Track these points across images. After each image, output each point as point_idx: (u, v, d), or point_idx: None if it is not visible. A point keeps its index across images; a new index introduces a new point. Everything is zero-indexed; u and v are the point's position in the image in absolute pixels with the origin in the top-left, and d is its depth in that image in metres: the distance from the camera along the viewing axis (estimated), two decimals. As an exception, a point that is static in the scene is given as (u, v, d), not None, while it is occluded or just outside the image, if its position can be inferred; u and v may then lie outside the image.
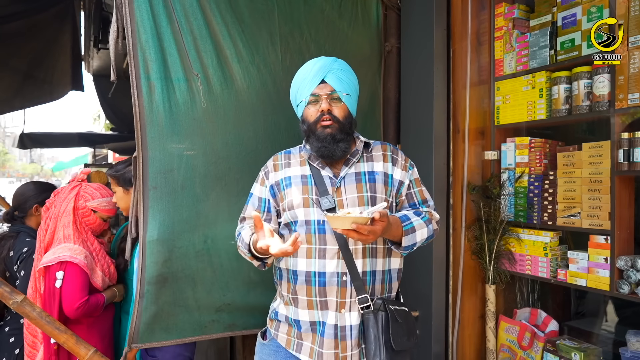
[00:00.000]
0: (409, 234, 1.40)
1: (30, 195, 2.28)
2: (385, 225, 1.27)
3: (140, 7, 1.65)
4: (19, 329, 2.14)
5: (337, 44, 2.13)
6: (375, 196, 1.47)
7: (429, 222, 1.48)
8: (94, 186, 2.06)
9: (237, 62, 1.84)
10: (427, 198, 1.56)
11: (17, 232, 2.23)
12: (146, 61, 1.67)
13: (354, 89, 1.53)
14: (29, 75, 3.86)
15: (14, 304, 1.69)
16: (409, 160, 1.59)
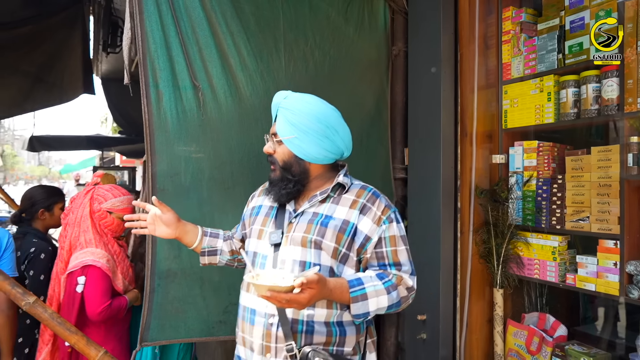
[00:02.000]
0: (358, 301, 1.26)
1: (37, 200, 2.32)
2: (314, 293, 1.14)
3: (150, 17, 1.67)
4: (26, 330, 2.17)
5: (343, 50, 2.14)
6: (321, 241, 1.33)
7: (393, 288, 1.31)
8: (106, 187, 2.09)
9: (241, 71, 1.87)
10: (401, 261, 1.36)
11: (24, 234, 2.26)
12: (155, 70, 1.70)
13: (303, 129, 1.36)
14: (39, 78, 3.91)
15: (26, 305, 1.72)
16: (387, 213, 1.38)
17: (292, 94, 1.42)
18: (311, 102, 1.40)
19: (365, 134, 2.25)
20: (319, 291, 1.16)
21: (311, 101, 1.41)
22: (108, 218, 2.02)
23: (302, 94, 1.42)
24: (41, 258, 2.17)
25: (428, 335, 2.13)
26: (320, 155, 1.40)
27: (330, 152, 1.41)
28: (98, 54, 4.61)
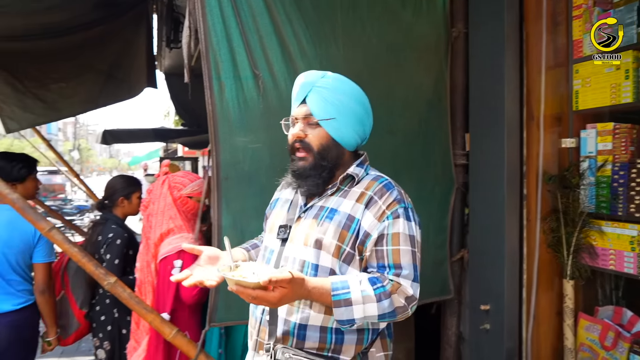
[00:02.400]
0: (340, 306, 1.14)
1: (118, 188, 2.50)
2: (285, 293, 1.05)
3: (211, 11, 1.73)
4: (107, 308, 2.35)
5: (400, 34, 2.09)
6: (322, 239, 1.23)
7: (385, 297, 1.15)
8: (180, 174, 2.22)
9: (301, 59, 1.88)
10: (402, 263, 1.20)
11: (106, 220, 2.45)
12: (217, 62, 1.75)
13: (346, 110, 1.27)
14: (110, 75, 4.17)
15: (107, 285, 1.87)
16: (394, 207, 1.23)
17: (329, 73, 1.31)
18: (350, 83, 1.32)
19: (424, 120, 2.20)
20: (292, 291, 1.07)
21: (350, 82, 1.32)
22: (189, 203, 2.14)
23: (337, 74, 1.33)
24: (117, 244, 2.34)
25: (492, 326, 2.07)
26: (352, 140, 1.32)
27: (359, 138, 1.34)
28: (161, 50, 4.83)
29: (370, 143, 2.02)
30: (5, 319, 2.21)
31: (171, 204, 2.11)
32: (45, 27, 3.26)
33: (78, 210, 9.34)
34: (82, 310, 2.42)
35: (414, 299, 1.20)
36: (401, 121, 2.13)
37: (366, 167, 1.36)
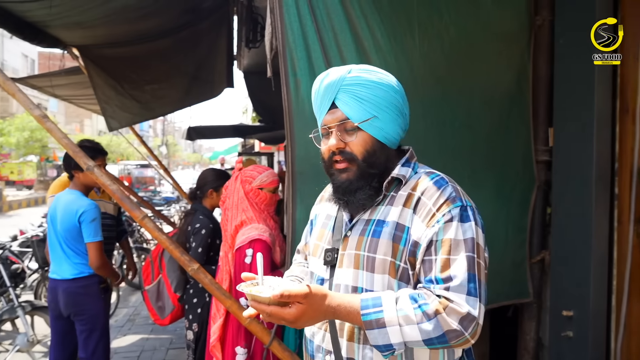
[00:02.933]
0: (373, 327, 0.96)
1: (208, 180, 2.70)
2: (304, 309, 0.93)
3: (288, 10, 1.79)
4: (200, 292, 2.54)
5: (479, 24, 2.02)
6: (375, 258, 1.05)
7: (427, 317, 0.94)
8: (250, 168, 2.34)
9: (375, 53, 1.88)
10: (452, 274, 0.97)
11: (195, 211, 2.64)
12: (293, 60, 1.81)
13: (386, 105, 1.09)
14: (195, 76, 4.47)
15: (191, 271, 2.02)
16: (447, 208, 1.02)
17: (354, 66, 1.12)
18: (381, 71, 1.12)
19: (505, 113, 2.10)
20: (312, 308, 0.94)
21: (380, 70, 1.13)
22: (261, 194, 2.26)
23: (362, 65, 1.15)
24: (202, 233, 2.52)
25: (575, 334, 1.94)
26: (397, 136, 1.13)
27: (402, 131, 1.14)
28: (241, 50, 5.07)
29: (446, 138, 2.00)
30: (63, 285, 2.61)
31: (243, 197, 2.24)
32: (141, 33, 3.58)
33: (165, 201, 10.12)
34: (176, 294, 2.64)
35: (471, 318, 0.94)
36: (480, 115, 2.06)
37: (414, 164, 1.16)
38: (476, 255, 1.01)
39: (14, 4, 2.65)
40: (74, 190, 2.67)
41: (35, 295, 4.54)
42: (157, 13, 3.23)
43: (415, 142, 2.00)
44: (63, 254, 2.62)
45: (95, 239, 2.58)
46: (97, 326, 2.66)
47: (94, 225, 2.58)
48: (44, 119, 2.07)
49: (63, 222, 2.59)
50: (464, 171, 2.02)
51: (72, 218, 2.57)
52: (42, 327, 3.82)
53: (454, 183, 1.11)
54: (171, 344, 4.15)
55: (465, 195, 1.11)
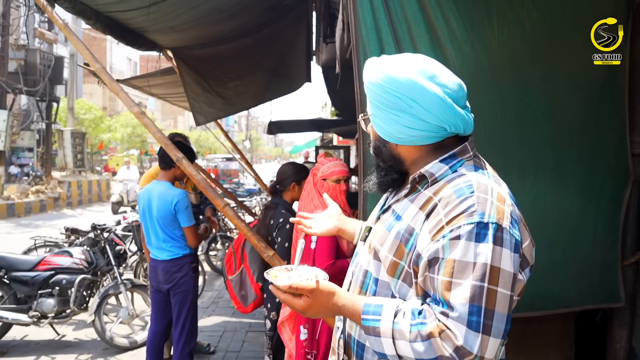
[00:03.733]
0: (369, 333, 0.96)
1: (289, 174, 2.78)
2: (310, 303, 0.98)
3: (362, 4, 1.81)
4: None
5: (567, 6, 1.87)
6: (378, 251, 1.06)
7: (422, 338, 0.89)
8: (320, 161, 2.44)
9: (450, 42, 1.84)
10: (452, 301, 0.89)
11: (276, 205, 2.75)
12: (366, 53, 1.83)
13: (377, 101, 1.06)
14: (275, 72, 4.66)
15: (267, 257, 2.15)
16: (456, 223, 0.92)
17: (384, 59, 1.07)
18: (377, 67, 1.05)
19: (594, 102, 1.95)
20: (318, 303, 0.99)
21: (377, 66, 1.06)
22: (325, 185, 2.34)
23: (381, 57, 1.09)
24: (286, 228, 2.60)
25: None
26: (402, 134, 1.05)
27: (416, 130, 1.03)
28: (319, 45, 5.18)
29: (527, 129, 1.90)
30: (162, 264, 2.98)
31: (312, 187, 2.35)
32: (226, 33, 3.82)
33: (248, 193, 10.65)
34: (258, 283, 2.80)
35: (466, 352, 0.86)
36: (565, 104, 1.93)
37: (458, 161, 1.04)
38: (488, 282, 0.89)
39: (119, 13, 2.97)
40: (164, 181, 2.96)
41: (134, 274, 5.05)
42: (241, 13, 3.42)
43: (492, 133, 1.95)
44: (161, 239, 2.95)
45: (190, 224, 2.93)
46: (187, 300, 2.99)
47: (187, 212, 2.91)
48: (142, 115, 2.32)
49: (159, 210, 2.89)
50: (546, 164, 1.91)
51: (169, 206, 2.87)
52: (140, 303, 4.26)
53: (489, 194, 0.96)
54: (250, 327, 4.40)
55: (496, 209, 0.94)
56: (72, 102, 17.30)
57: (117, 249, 4.21)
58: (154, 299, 3.10)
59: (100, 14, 2.92)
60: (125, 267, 4.69)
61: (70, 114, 17.13)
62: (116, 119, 23.83)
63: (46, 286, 3.85)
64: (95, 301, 3.81)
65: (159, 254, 2.97)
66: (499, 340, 0.88)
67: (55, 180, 14.54)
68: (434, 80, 1.02)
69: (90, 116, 20.76)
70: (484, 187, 0.97)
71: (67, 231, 4.91)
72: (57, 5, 2.60)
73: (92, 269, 4.04)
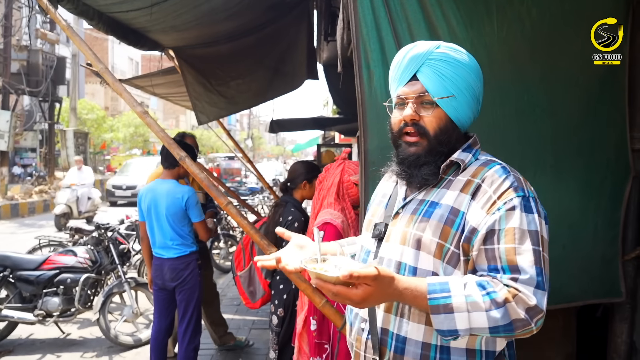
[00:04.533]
0: (439, 312, 0.95)
1: (301, 172, 2.80)
2: (370, 291, 0.91)
3: (362, 3, 1.83)
4: (287, 278, 2.66)
5: (566, 3, 1.88)
6: (421, 237, 1.06)
7: (497, 305, 0.94)
8: (355, 163, 2.42)
9: (450, 41, 1.82)
10: (520, 265, 0.97)
11: (286, 202, 2.77)
12: (367, 52, 1.85)
13: (466, 86, 1.10)
14: (277, 70, 4.67)
15: (269, 254, 2.16)
16: (508, 197, 1.02)
17: (443, 43, 1.13)
18: (467, 53, 1.13)
19: (594, 97, 1.95)
20: (379, 290, 0.92)
21: (465, 52, 1.13)
22: (353, 189, 2.34)
23: (451, 44, 1.16)
24: (295, 226, 2.61)
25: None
26: (468, 120, 1.16)
27: (473, 117, 1.16)
28: (320, 43, 5.19)
29: (526, 126, 1.91)
30: (168, 262, 3.01)
31: (336, 184, 2.34)
32: (227, 33, 3.83)
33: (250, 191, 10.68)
34: (266, 280, 2.82)
35: (538, 310, 0.95)
36: (565, 101, 1.93)
37: (475, 151, 1.15)
38: (542, 248, 1.00)
39: (121, 13, 2.99)
40: (169, 179, 2.98)
41: (138, 273, 5.09)
42: (242, 12, 3.43)
43: (492, 130, 1.96)
44: (168, 237, 2.97)
45: (202, 218, 3.01)
46: (193, 297, 3.02)
47: (198, 207, 2.99)
48: (145, 115, 2.33)
49: (169, 208, 2.92)
50: (546, 160, 1.92)
51: (179, 203, 2.92)
52: (144, 301, 4.29)
53: (516, 173, 1.10)
54: (253, 325, 4.43)
55: (528, 185, 1.08)
56: (75, 102, 17.36)
57: (121, 247, 4.24)
58: (157, 297, 3.12)
59: (102, 15, 2.94)
60: (129, 266, 4.73)
61: (72, 114, 17.20)
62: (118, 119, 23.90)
63: (51, 285, 3.89)
64: (100, 300, 3.85)
65: (165, 253, 2.99)
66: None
67: (58, 180, 14.61)
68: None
69: (92, 116, 20.84)
70: (512, 169, 1.10)
71: (71, 230, 4.95)
72: (60, 6, 2.62)
73: (96, 268, 4.08)
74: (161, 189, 2.97)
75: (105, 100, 29.67)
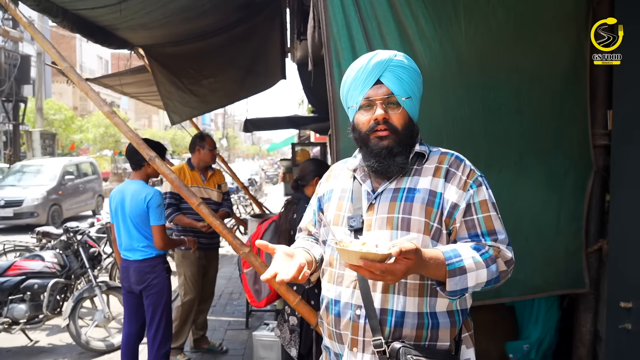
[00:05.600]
0: (455, 275, 1.12)
1: (311, 169, 2.77)
2: (410, 264, 1.02)
3: (332, 2, 1.84)
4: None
5: (530, 4, 1.95)
6: (410, 219, 1.21)
7: (492, 261, 1.16)
8: None
9: (419, 40, 1.88)
10: (496, 229, 1.21)
11: (299, 199, 2.74)
12: (337, 51, 1.86)
13: (417, 89, 1.28)
14: (249, 69, 4.64)
15: (243, 254, 2.15)
16: (474, 176, 1.24)
17: (398, 52, 1.29)
18: (413, 61, 1.31)
19: (557, 96, 2.02)
20: (416, 262, 1.04)
21: (405, 60, 1.28)
22: None
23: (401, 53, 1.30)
24: None
25: (634, 326, 1.84)
26: (416, 118, 1.32)
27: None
28: (294, 42, 5.17)
29: (492, 123, 1.96)
30: (134, 265, 2.92)
31: None
32: (198, 31, 3.78)
33: (226, 191, 10.56)
34: None
35: (512, 261, 1.21)
36: (529, 99, 2.00)
37: (426, 144, 1.34)
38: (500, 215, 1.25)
39: (86, 10, 2.91)
40: (137, 180, 2.92)
41: (109, 276, 4.97)
42: (213, 11, 3.39)
43: (459, 127, 2.00)
44: (133, 238, 2.90)
45: (159, 222, 2.84)
46: (161, 301, 2.92)
47: (159, 210, 2.85)
48: (112, 115, 2.28)
49: (133, 209, 2.85)
50: (511, 156, 1.98)
51: (142, 204, 2.83)
52: (116, 305, 4.19)
53: (466, 158, 1.31)
54: (229, 326, 4.39)
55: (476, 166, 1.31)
56: (41, 102, 16.79)
57: (91, 251, 4.13)
58: (126, 300, 3.04)
59: (67, 12, 2.85)
60: (100, 270, 4.60)
61: (38, 115, 16.62)
62: (88, 119, 23.22)
63: (17, 291, 3.75)
64: (70, 305, 3.73)
65: (131, 255, 2.91)
66: None
67: (24, 183, 14.07)
68: None
69: (60, 116, 20.18)
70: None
71: (38, 234, 4.78)
72: (21, 3, 2.53)
73: (65, 273, 3.95)
74: (127, 190, 2.91)
75: (73, 100, 28.80)
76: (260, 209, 5.60)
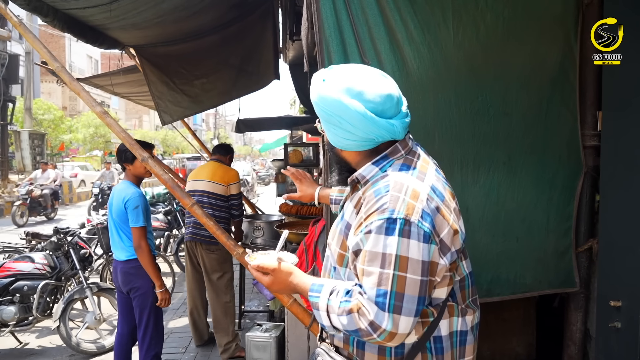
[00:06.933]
0: (314, 307, 1.13)
1: None
2: (272, 280, 1.18)
3: (325, 5, 1.84)
4: None
5: (519, 8, 1.96)
6: (331, 245, 1.26)
7: (346, 312, 1.05)
8: None
9: (409, 45, 1.89)
10: (364, 286, 1.05)
11: None
12: (330, 53, 1.86)
13: (325, 116, 1.16)
14: (242, 69, 4.63)
15: (236, 255, 2.14)
16: (370, 219, 1.05)
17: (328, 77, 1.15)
18: (314, 86, 1.16)
19: (545, 99, 2.05)
20: (278, 280, 1.18)
21: (315, 84, 1.16)
22: None
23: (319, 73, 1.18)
24: None
25: (623, 325, 1.87)
26: (343, 143, 1.18)
27: (349, 140, 1.15)
28: (286, 43, 5.17)
29: (481, 126, 1.98)
30: (119, 265, 2.90)
31: None
32: (190, 31, 3.77)
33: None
34: None
35: (377, 326, 1.02)
36: (517, 101, 2.02)
37: (387, 163, 1.15)
38: (397, 270, 1.02)
39: (77, 10, 2.89)
40: (125, 180, 2.92)
41: (100, 277, 4.92)
42: (205, 11, 3.38)
43: (448, 129, 2.02)
44: (118, 239, 2.88)
45: (137, 225, 2.79)
46: (147, 303, 2.89)
47: (136, 212, 2.80)
48: (104, 115, 2.26)
49: (115, 209, 2.85)
50: (499, 158, 2.00)
51: (121, 205, 2.82)
52: (107, 307, 4.16)
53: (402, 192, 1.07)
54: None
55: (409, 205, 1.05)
56: (30, 102, 16.58)
57: (82, 252, 4.09)
58: (119, 300, 3.03)
59: (58, 11, 2.83)
60: (91, 271, 4.56)
61: (27, 115, 16.43)
62: (77, 119, 23.02)
63: (6, 293, 3.71)
64: (60, 307, 3.70)
65: (118, 254, 2.91)
66: (411, 318, 1.04)
67: (12, 184, 13.93)
68: (358, 98, 1.11)
69: (49, 116, 19.98)
70: (400, 186, 1.08)
71: (27, 236, 4.73)
72: (11, 2, 2.50)
73: (55, 274, 3.92)
74: (115, 190, 2.92)
75: (63, 100, 28.50)
76: (252, 209, 5.59)
